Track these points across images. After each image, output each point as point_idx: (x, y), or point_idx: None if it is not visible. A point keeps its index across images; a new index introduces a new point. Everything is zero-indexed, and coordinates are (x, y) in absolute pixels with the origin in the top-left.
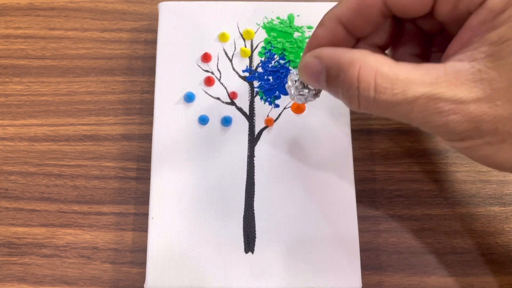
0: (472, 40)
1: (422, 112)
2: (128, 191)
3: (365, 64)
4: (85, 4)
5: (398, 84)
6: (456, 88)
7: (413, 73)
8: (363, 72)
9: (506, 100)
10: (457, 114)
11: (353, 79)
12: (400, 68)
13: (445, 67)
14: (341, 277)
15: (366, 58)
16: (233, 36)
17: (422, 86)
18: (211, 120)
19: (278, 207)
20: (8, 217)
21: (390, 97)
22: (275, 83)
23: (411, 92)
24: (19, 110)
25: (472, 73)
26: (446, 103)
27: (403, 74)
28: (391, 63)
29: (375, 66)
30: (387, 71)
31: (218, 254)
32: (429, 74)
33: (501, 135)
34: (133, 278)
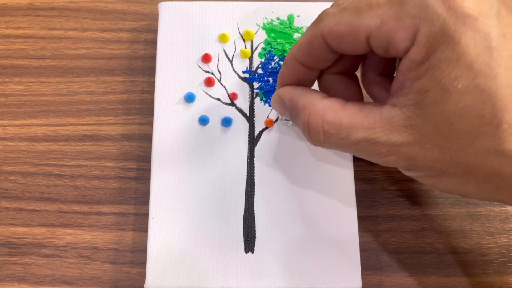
0: (404, 85)
1: (365, 153)
2: (128, 191)
3: (313, 112)
4: (85, 4)
5: (342, 130)
6: (390, 133)
7: (355, 117)
8: (312, 119)
9: (433, 144)
10: (393, 155)
11: (304, 124)
12: (344, 113)
13: (381, 112)
14: (341, 277)
15: (314, 105)
16: (233, 37)
17: (363, 131)
18: (211, 120)
19: (278, 207)
20: (8, 217)
21: (337, 141)
22: (275, 84)
23: (354, 137)
24: (19, 110)
25: (403, 119)
26: (383, 146)
27: (347, 120)
28: (337, 108)
29: (322, 113)
30: (332, 118)
31: (218, 254)
32: (368, 119)
33: (436, 171)
34: (133, 278)
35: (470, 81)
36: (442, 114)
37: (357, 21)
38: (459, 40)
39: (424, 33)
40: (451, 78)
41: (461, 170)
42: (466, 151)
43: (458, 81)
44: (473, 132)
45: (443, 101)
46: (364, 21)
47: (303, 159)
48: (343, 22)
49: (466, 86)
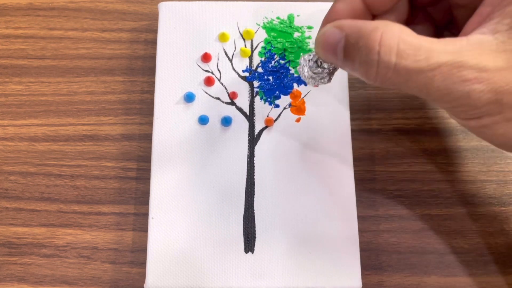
0: (493, 15)
1: (444, 81)
2: (128, 191)
3: (388, 30)
4: (85, 4)
5: (421, 50)
6: (480, 57)
7: (436, 43)
8: (386, 37)
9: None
10: (481, 83)
11: (374, 43)
12: (423, 37)
13: (468, 39)
14: (341, 277)
15: (389, 25)
16: (233, 36)
17: (446, 54)
18: (211, 120)
19: (278, 207)
20: (8, 217)
21: (412, 64)
22: (275, 83)
23: (434, 59)
24: (19, 110)
25: (496, 44)
26: (471, 71)
27: (426, 43)
28: (413, 33)
29: (398, 32)
30: (410, 38)
31: (218, 254)
32: (452, 44)
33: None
34: (133, 278)
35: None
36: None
37: None
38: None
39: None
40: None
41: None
42: None
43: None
44: None
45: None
46: None
47: (303, 158)
48: None
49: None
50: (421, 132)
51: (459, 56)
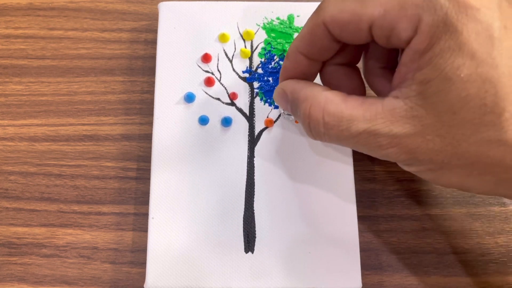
0: (406, 76)
1: (365, 145)
2: (128, 191)
3: (314, 103)
4: (85, 4)
5: (343, 121)
6: (392, 125)
7: (357, 109)
8: (313, 110)
9: (435, 135)
10: (394, 147)
11: (305, 115)
12: (345, 105)
13: (383, 104)
14: (341, 277)
15: (316, 96)
16: (233, 36)
17: (364, 122)
18: (211, 120)
19: (278, 207)
20: (8, 217)
21: (337, 133)
22: (275, 84)
23: (354, 128)
24: (19, 110)
25: (405, 110)
26: (384, 138)
27: (348, 112)
28: (338, 100)
29: (323, 105)
30: (333, 110)
31: (218, 254)
32: (369, 111)
33: (437, 164)
34: (133, 278)
35: (473, 70)
36: (445, 103)
37: (360, 10)
38: (462, 30)
39: (426, 23)
40: (454, 67)
41: (463, 162)
42: (469, 141)
43: (461, 70)
44: (475, 122)
45: (446, 91)
46: (367, 10)
47: (303, 158)
48: (345, 10)
49: (469, 75)
50: None
51: (374, 124)
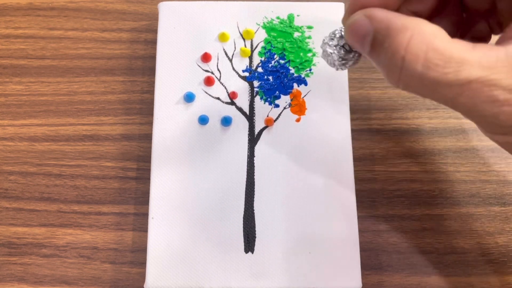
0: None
1: (472, 98)
2: (128, 191)
3: (418, 33)
4: (85, 4)
5: (451, 62)
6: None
7: (470, 53)
8: (414, 42)
9: None
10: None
11: (400, 47)
12: (456, 45)
13: (507, 51)
14: (341, 277)
15: (421, 26)
16: (233, 36)
17: (479, 69)
18: (211, 120)
19: (278, 207)
20: (8, 217)
21: (439, 76)
22: (275, 83)
23: (465, 74)
24: (19, 110)
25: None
26: (503, 92)
27: (459, 53)
28: (447, 38)
29: (429, 38)
30: (442, 47)
31: (218, 254)
32: (488, 56)
33: None
34: (133, 278)
35: None
36: None
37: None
38: None
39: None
40: None
41: None
42: None
43: None
44: None
45: None
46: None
47: (303, 158)
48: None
49: None
50: (421, 132)
51: (493, 73)
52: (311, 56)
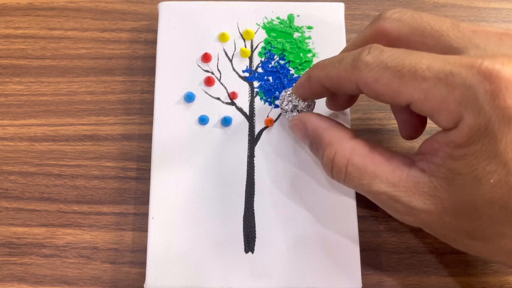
0: (437, 153)
1: (382, 204)
2: (128, 191)
3: (340, 150)
4: (85, 4)
5: (365, 176)
6: (413, 196)
7: (381, 168)
8: (338, 158)
9: (453, 219)
10: (411, 216)
11: (328, 160)
12: (370, 159)
13: (409, 172)
14: (341, 277)
15: (342, 144)
16: (233, 36)
17: (386, 184)
18: (211, 120)
19: (278, 207)
20: (8, 217)
21: (357, 186)
22: (275, 83)
23: (375, 187)
24: (19, 110)
25: (429, 188)
26: (402, 206)
27: (372, 168)
28: (364, 152)
29: (348, 155)
30: (358, 162)
31: (218, 254)
32: (393, 175)
33: (451, 238)
34: (133, 278)
35: (502, 177)
36: (468, 197)
37: (399, 87)
38: (501, 139)
39: (468, 123)
40: (485, 171)
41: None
42: (484, 232)
43: (492, 175)
44: (494, 220)
45: (472, 188)
46: (406, 90)
47: (303, 158)
48: (383, 81)
49: (498, 181)
50: None
51: (396, 190)
52: (311, 57)
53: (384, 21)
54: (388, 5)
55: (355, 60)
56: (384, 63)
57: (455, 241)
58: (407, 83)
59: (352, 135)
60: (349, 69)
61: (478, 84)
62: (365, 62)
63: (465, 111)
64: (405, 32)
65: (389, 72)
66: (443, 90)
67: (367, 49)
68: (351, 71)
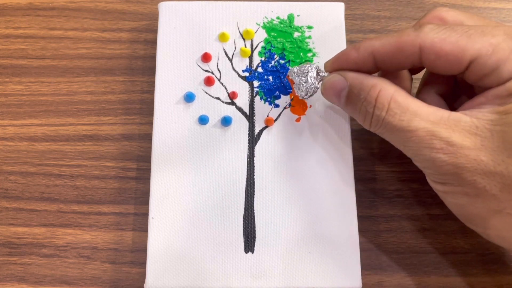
0: (482, 106)
1: (417, 143)
2: (128, 191)
3: (384, 89)
4: (85, 4)
5: (406, 113)
6: (453, 132)
7: (422, 109)
8: (382, 94)
9: (490, 159)
10: (446, 154)
11: (372, 98)
12: (412, 101)
13: (450, 113)
14: (341, 277)
15: (386, 84)
16: (233, 36)
17: (425, 121)
18: (211, 120)
19: (278, 207)
20: (8, 217)
21: (396, 122)
22: (275, 83)
23: (414, 123)
24: (19, 110)
25: (471, 126)
26: (440, 141)
27: (413, 107)
28: (406, 94)
29: (392, 93)
30: (401, 100)
31: (218, 254)
32: (434, 114)
33: (478, 189)
34: (133, 278)
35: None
36: (509, 135)
37: (467, 44)
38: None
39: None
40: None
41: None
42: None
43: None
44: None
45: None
46: (474, 45)
47: (303, 158)
48: (450, 40)
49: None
50: None
51: (436, 126)
52: (311, 56)
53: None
54: (388, 5)
55: (420, 25)
56: (450, 26)
57: (480, 196)
58: (475, 40)
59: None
60: (412, 34)
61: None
62: (431, 27)
63: None
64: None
65: (456, 32)
66: (511, 43)
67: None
68: (416, 34)
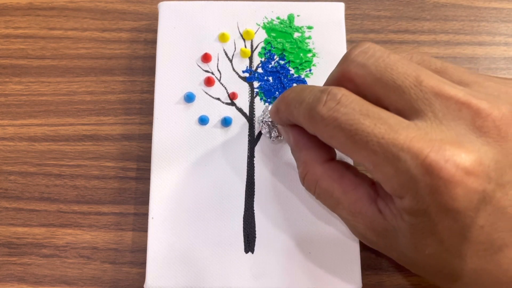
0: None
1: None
2: (128, 191)
3: (310, 172)
4: (85, 4)
5: (331, 200)
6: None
7: (345, 196)
8: (308, 178)
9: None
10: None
11: (301, 178)
12: (338, 186)
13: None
14: (341, 277)
15: (314, 167)
16: (233, 36)
17: (347, 212)
18: (211, 120)
19: (278, 207)
20: (8, 217)
21: (324, 204)
22: (275, 83)
23: (339, 211)
24: (19, 110)
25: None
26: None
27: (337, 194)
28: (334, 178)
29: (318, 178)
30: (325, 186)
31: (218, 254)
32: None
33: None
34: (133, 278)
35: (437, 252)
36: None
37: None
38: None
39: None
40: (422, 243)
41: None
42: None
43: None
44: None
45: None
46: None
47: None
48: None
49: (432, 253)
50: None
51: (354, 220)
52: (311, 57)
53: (349, 65)
54: (388, 5)
55: (312, 109)
56: (338, 122)
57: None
58: (359, 151)
59: (327, 157)
60: (307, 118)
61: (420, 176)
62: (321, 116)
63: (406, 194)
64: (369, 82)
65: (342, 134)
66: (389, 169)
67: (325, 96)
68: (309, 120)
